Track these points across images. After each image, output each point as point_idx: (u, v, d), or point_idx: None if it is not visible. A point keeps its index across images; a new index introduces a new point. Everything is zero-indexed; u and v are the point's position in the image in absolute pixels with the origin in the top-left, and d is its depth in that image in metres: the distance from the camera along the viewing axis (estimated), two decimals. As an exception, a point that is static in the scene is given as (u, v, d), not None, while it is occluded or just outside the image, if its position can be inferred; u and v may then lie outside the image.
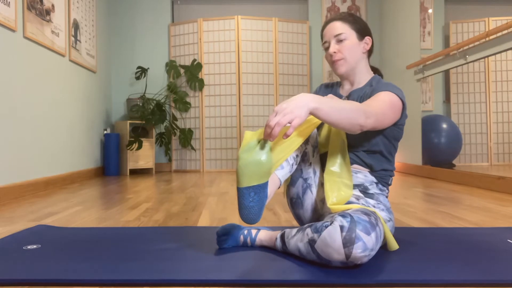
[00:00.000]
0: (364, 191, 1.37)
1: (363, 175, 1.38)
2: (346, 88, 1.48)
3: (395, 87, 1.35)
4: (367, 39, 1.44)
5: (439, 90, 4.04)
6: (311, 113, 1.07)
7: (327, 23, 1.47)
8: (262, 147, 1.08)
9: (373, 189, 1.38)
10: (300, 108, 1.03)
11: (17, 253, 1.33)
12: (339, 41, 1.41)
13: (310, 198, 1.40)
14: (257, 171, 1.08)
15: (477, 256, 1.24)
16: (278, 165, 1.15)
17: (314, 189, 1.40)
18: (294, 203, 1.43)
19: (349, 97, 1.45)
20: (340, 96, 1.47)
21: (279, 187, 1.27)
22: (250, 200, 1.10)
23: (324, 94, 1.54)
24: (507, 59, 3.24)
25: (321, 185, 1.41)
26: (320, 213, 1.41)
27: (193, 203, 2.47)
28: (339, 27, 1.42)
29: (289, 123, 1.03)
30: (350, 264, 1.08)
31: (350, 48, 1.41)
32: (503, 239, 1.45)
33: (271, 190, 1.21)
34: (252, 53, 5.08)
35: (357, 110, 1.15)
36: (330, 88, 1.55)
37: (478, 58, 3.19)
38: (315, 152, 1.42)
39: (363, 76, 1.45)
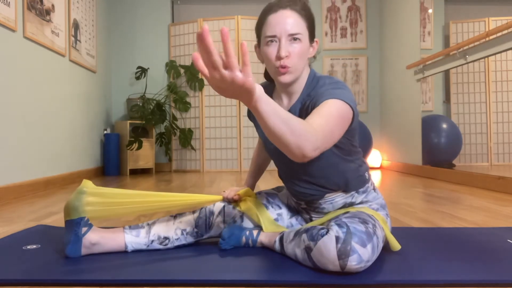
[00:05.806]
0: (351, 205, 1.30)
1: (341, 197, 1.29)
2: (285, 103, 1.23)
3: (342, 88, 1.09)
4: (316, 42, 1.21)
5: (439, 90, 4.04)
6: (251, 107, 0.83)
7: (277, 8, 1.13)
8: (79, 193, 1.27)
9: (358, 198, 1.30)
10: (244, 91, 0.78)
11: (17, 253, 1.33)
12: (293, 40, 1.12)
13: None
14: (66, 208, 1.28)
15: (477, 256, 1.24)
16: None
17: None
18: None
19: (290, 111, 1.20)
20: None
21: (125, 250, 1.33)
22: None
23: None
24: (507, 59, 3.24)
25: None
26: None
27: (193, 203, 2.46)
28: (296, 24, 1.12)
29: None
30: (346, 273, 1.08)
31: (302, 54, 1.13)
32: (503, 239, 1.45)
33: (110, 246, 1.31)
34: (252, 53, 5.08)
35: (306, 133, 0.89)
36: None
37: (478, 58, 3.19)
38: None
39: (302, 80, 1.20)
